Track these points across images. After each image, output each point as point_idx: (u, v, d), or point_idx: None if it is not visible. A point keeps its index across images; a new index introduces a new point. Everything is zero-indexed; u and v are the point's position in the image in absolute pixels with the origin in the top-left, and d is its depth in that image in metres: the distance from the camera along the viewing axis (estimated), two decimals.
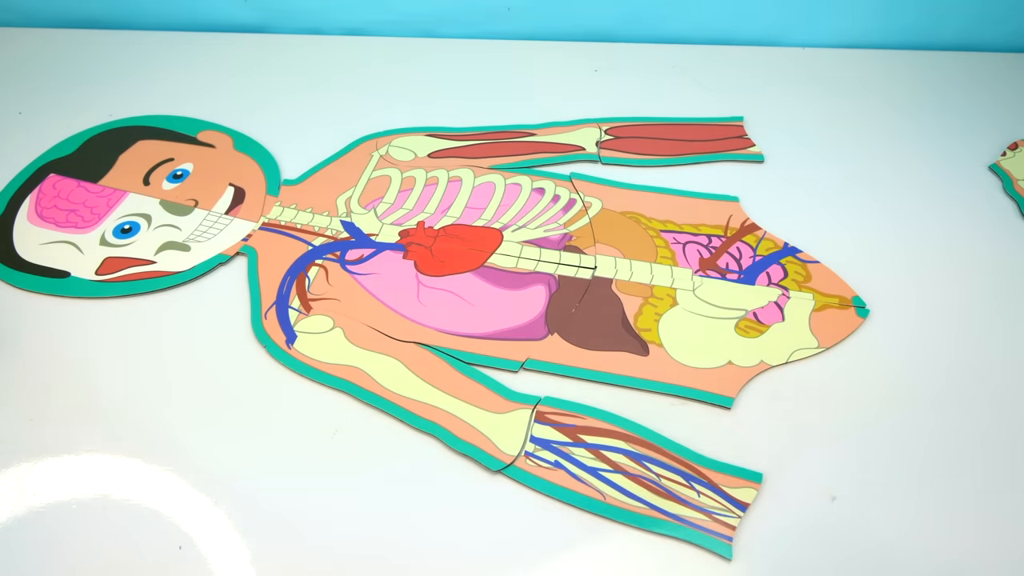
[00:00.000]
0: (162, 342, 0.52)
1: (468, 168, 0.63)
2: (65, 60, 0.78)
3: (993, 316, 0.52)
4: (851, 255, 0.55)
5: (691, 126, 0.67)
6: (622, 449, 0.45)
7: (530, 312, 0.52)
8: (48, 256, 0.58)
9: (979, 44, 0.75)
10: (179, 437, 0.47)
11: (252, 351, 0.51)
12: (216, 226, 0.59)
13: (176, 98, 0.72)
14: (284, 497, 0.44)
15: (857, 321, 0.51)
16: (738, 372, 0.48)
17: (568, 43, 0.78)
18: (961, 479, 0.43)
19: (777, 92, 0.71)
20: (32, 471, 0.45)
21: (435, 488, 0.44)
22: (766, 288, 0.53)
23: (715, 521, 0.41)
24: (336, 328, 0.52)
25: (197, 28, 0.82)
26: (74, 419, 0.48)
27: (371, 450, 0.46)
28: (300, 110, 0.71)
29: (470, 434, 0.46)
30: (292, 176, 0.64)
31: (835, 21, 0.76)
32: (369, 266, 0.56)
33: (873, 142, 0.65)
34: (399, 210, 0.60)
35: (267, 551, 0.42)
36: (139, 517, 0.43)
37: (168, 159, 0.66)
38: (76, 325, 0.53)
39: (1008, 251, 0.56)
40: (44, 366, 0.51)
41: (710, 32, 0.78)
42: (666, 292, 0.53)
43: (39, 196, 0.63)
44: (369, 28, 0.81)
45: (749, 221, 0.58)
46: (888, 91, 0.71)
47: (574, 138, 0.66)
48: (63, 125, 0.69)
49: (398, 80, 0.74)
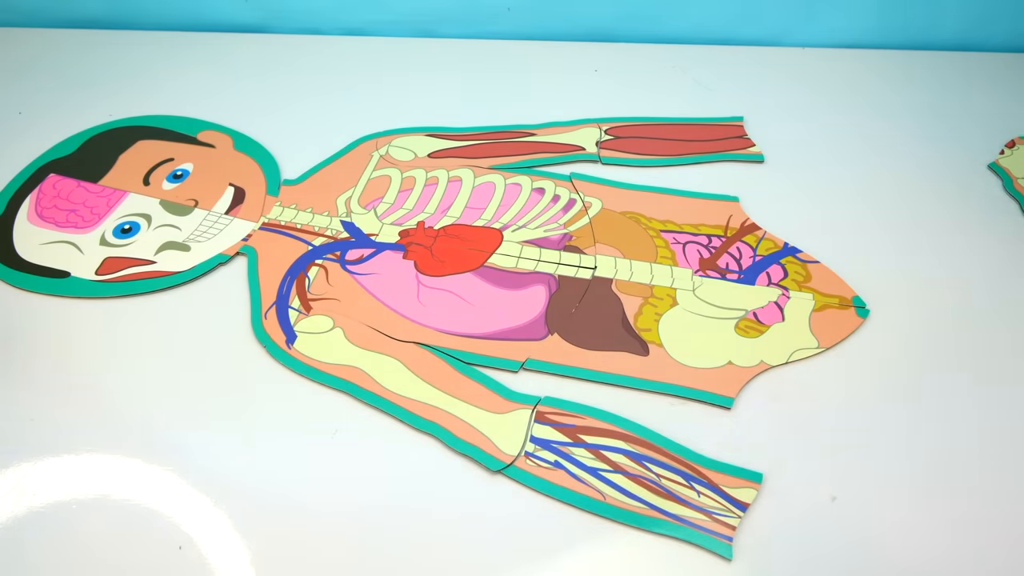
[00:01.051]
0: (162, 342, 0.52)
1: (468, 168, 0.63)
2: (65, 60, 0.78)
3: (994, 316, 0.52)
4: (851, 255, 0.55)
5: (691, 126, 0.67)
6: (622, 449, 0.45)
7: (530, 312, 0.52)
8: (48, 256, 0.58)
9: (978, 44, 0.75)
10: (179, 437, 0.47)
11: (252, 351, 0.51)
12: (216, 226, 0.59)
13: (176, 98, 0.72)
14: (284, 497, 0.44)
15: (857, 321, 0.51)
16: (738, 372, 0.48)
17: (568, 43, 0.78)
18: (961, 479, 0.43)
19: (777, 92, 0.71)
20: (32, 471, 0.45)
21: (435, 488, 0.44)
22: (766, 288, 0.53)
23: (715, 521, 0.41)
24: (336, 328, 0.52)
25: (197, 28, 0.82)
26: (74, 419, 0.48)
27: (371, 450, 0.46)
28: (300, 110, 0.71)
29: (470, 434, 0.46)
30: (292, 176, 0.64)
31: (835, 21, 0.76)
32: (369, 266, 0.56)
33: (873, 141, 0.65)
34: (399, 210, 0.60)
35: (267, 551, 0.42)
36: (139, 517, 0.43)
37: (168, 159, 0.66)
38: (76, 325, 0.53)
39: (1009, 250, 0.56)
40: (44, 366, 0.51)
41: (710, 32, 0.78)
42: (666, 292, 0.53)
43: (39, 196, 0.63)
44: (369, 28, 0.81)
45: (749, 221, 0.58)
46: (888, 91, 0.71)
47: (574, 138, 0.66)
48: (63, 125, 0.69)
49: (398, 80, 0.74)
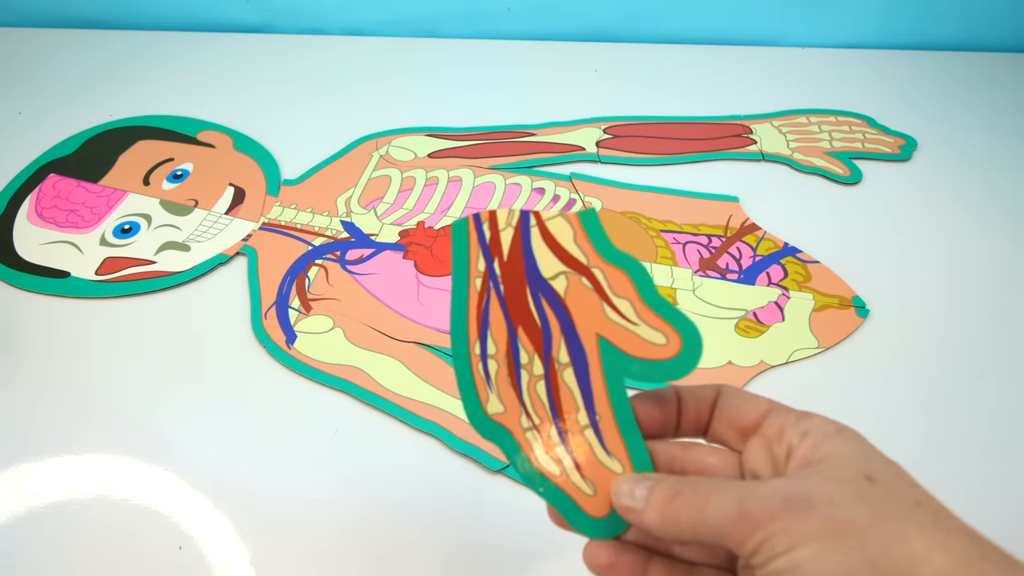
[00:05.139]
0: (162, 342, 0.52)
1: (468, 168, 0.63)
2: (65, 60, 0.78)
3: (993, 316, 0.52)
4: (851, 255, 0.55)
5: (691, 125, 0.67)
6: None
7: None
8: (48, 256, 0.58)
9: (979, 44, 0.75)
10: (179, 437, 0.47)
11: (252, 351, 0.51)
12: (216, 226, 0.59)
13: (176, 98, 0.72)
14: (284, 497, 0.44)
15: (857, 321, 0.51)
16: (738, 372, 0.48)
17: (568, 43, 0.78)
18: (961, 479, 0.43)
19: (777, 92, 0.71)
20: (32, 471, 0.45)
21: (435, 488, 0.44)
22: (766, 288, 0.53)
23: None
24: (336, 328, 0.52)
25: (197, 28, 0.82)
26: (74, 419, 0.48)
27: (371, 450, 0.46)
28: (300, 110, 0.71)
29: (470, 434, 0.46)
30: (292, 176, 0.64)
31: (835, 21, 0.76)
32: (369, 266, 0.56)
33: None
34: (399, 210, 0.60)
35: (267, 551, 0.42)
36: (139, 517, 0.43)
37: (168, 159, 0.66)
38: (76, 325, 0.53)
39: (1008, 250, 0.56)
40: (44, 366, 0.51)
41: (710, 32, 0.78)
42: (666, 292, 0.53)
43: (39, 196, 0.63)
44: (369, 28, 0.81)
45: (749, 221, 0.58)
46: (888, 91, 0.71)
47: (574, 138, 0.66)
48: (63, 125, 0.69)
49: (398, 80, 0.74)
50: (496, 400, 0.29)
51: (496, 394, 0.29)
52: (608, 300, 0.28)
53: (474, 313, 0.30)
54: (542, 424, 0.28)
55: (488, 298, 0.30)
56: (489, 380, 0.30)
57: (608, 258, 0.28)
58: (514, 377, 0.29)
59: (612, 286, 0.28)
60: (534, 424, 0.28)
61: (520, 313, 0.29)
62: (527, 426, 0.29)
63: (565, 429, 0.28)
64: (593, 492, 0.27)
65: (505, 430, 0.29)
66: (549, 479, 0.28)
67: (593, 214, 0.29)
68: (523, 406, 0.29)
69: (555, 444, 0.28)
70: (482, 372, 0.30)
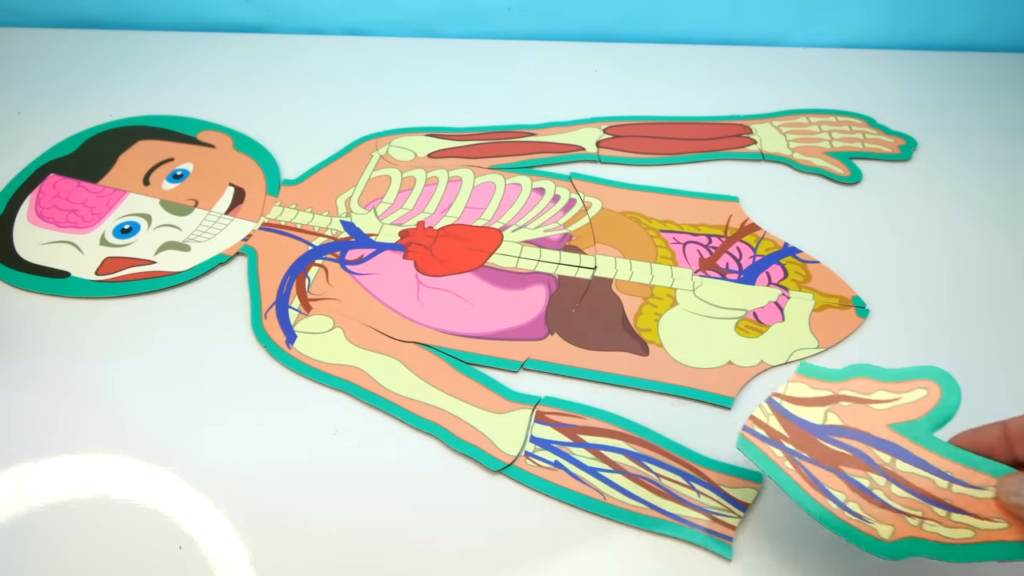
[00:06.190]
0: (162, 342, 0.52)
1: (468, 168, 0.63)
2: (65, 60, 0.78)
3: (993, 316, 0.52)
4: (851, 255, 0.55)
5: (691, 125, 0.67)
6: (622, 449, 0.45)
7: (530, 312, 0.52)
8: (48, 256, 0.58)
9: (980, 44, 0.75)
10: (179, 437, 0.47)
11: (252, 351, 0.51)
12: (216, 226, 0.59)
13: (176, 98, 0.72)
14: (284, 497, 0.44)
15: (857, 321, 0.51)
16: (738, 372, 0.48)
17: (568, 43, 0.78)
18: None
19: (777, 92, 0.71)
20: (32, 471, 0.45)
21: (435, 488, 0.44)
22: (766, 288, 0.53)
23: (715, 521, 0.41)
24: (336, 328, 0.52)
25: (197, 28, 0.82)
26: (74, 419, 0.48)
27: (371, 450, 0.46)
28: (300, 110, 0.71)
29: (470, 434, 0.46)
30: (292, 176, 0.64)
31: (835, 21, 0.76)
32: (369, 266, 0.56)
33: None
34: (399, 210, 0.60)
35: (267, 551, 0.42)
36: (139, 517, 0.43)
37: (168, 159, 0.66)
38: (76, 325, 0.53)
39: (1009, 251, 0.56)
40: (44, 366, 0.51)
41: (710, 32, 0.78)
42: (666, 292, 0.53)
43: (39, 196, 0.63)
44: (369, 28, 0.81)
45: (749, 221, 0.58)
46: (888, 91, 0.71)
47: (574, 138, 0.66)
48: (63, 125, 0.69)
49: (398, 80, 0.74)
50: (882, 526, 0.33)
51: (877, 523, 0.33)
52: (869, 401, 0.35)
53: (807, 486, 0.35)
54: (925, 512, 0.33)
55: (805, 469, 0.35)
56: (862, 518, 0.34)
57: (839, 378, 0.37)
58: (876, 500, 0.33)
59: (861, 391, 0.36)
60: (921, 517, 0.33)
61: (832, 459, 0.35)
62: (916, 524, 0.33)
63: (940, 499, 0.32)
64: (1005, 524, 0.31)
65: (912, 539, 0.33)
66: (979, 540, 0.32)
67: (805, 365, 0.38)
68: (902, 513, 0.33)
69: (947, 515, 0.32)
70: (852, 517, 0.34)
